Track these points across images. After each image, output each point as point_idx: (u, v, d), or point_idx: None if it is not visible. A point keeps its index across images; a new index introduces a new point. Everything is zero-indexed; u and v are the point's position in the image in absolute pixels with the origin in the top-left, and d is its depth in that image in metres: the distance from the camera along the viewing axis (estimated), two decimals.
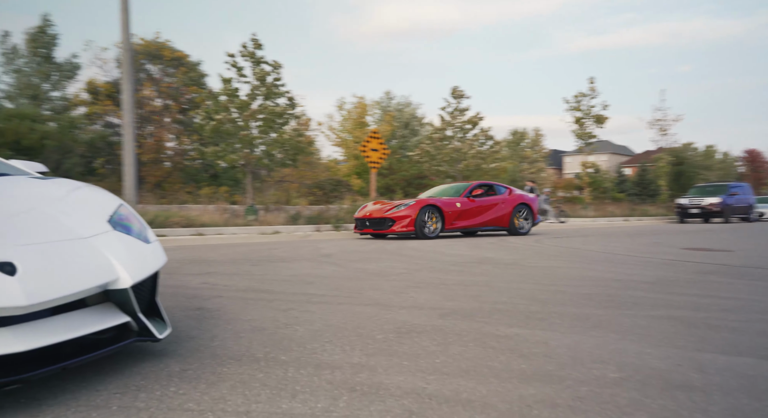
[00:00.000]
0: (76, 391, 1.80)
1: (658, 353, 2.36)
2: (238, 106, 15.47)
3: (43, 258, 1.72)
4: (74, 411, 1.63)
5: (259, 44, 15.88)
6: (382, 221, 10.24)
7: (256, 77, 15.84)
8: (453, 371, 2.09)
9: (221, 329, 2.72)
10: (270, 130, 15.66)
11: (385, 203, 10.91)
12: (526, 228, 11.83)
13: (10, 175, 2.45)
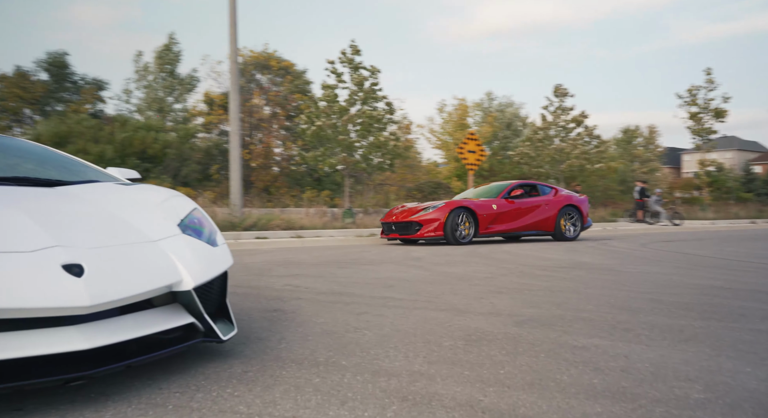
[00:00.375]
0: (141, 388, 1.89)
1: (758, 373, 2.10)
2: (337, 111, 15.86)
3: (109, 261, 1.81)
4: (134, 408, 1.70)
5: (357, 50, 16.21)
6: (408, 225, 9.45)
7: (354, 82, 16.18)
8: (516, 384, 1.98)
9: (291, 331, 2.76)
10: (368, 134, 15.92)
11: (414, 205, 10.22)
12: (573, 233, 10.67)
13: (98, 182, 2.64)
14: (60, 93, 30.85)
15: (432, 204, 9.55)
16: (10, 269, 1.60)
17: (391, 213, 10.19)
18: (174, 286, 1.95)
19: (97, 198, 2.29)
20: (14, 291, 1.55)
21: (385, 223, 10.03)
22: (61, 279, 1.64)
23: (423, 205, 9.81)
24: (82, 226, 1.96)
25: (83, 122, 20.23)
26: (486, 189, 11.11)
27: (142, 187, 2.63)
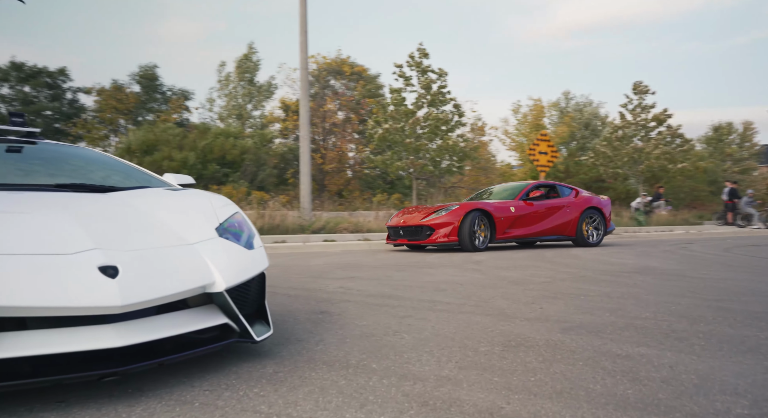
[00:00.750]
0: (175, 385, 1.98)
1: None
2: (404, 114, 15.93)
3: (143, 263, 1.92)
4: (164, 404, 1.79)
5: (425, 53, 16.23)
6: (419, 230, 8.61)
7: (422, 86, 16.19)
8: (543, 392, 1.92)
9: (331, 333, 2.81)
10: (435, 137, 15.88)
11: (424, 209, 9.21)
12: (596, 238, 9.80)
13: (148, 188, 2.79)
14: (150, 104, 32.75)
15: (445, 206, 8.75)
16: (50, 270, 1.73)
17: (400, 216, 9.32)
18: (207, 287, 2.03)
19: (142, 203, 2.43)
20: (51, 291, 1.67)
21: (392, 227, 9.09)
22: (96, 280, 1.75)
23: (435, 207, 9.02)
24: (123, 230, 2.08)
25: (169, 131, 21.37)
26: (502, 190, 10.29)
27: (188, 192, 2.76)
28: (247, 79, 31.41)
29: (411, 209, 9.53)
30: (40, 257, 1.77)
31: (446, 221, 8.35)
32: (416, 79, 16.36)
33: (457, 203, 8.78)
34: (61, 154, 3.19)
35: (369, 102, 28.70)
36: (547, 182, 10.10)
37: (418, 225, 8.58)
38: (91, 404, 1.77)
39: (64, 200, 2.27)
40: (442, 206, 8.75)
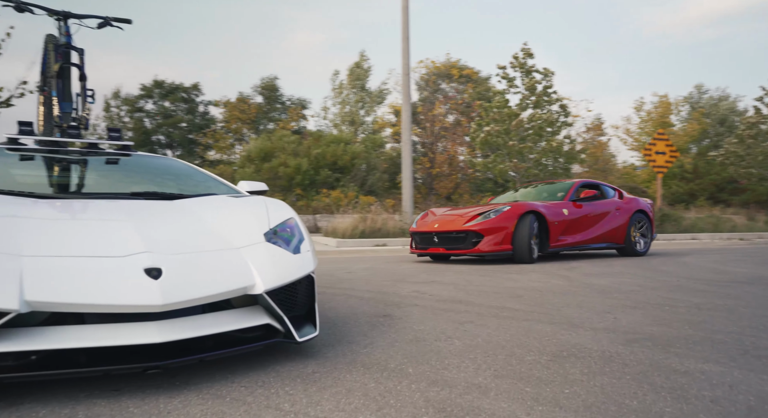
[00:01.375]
0: (217, 380, 2.13)
1: None
2: (507, 116, 15.59)
3: (187, 265, 2.09)
4: (200, 397, 1.94)
5: (530, 53, 15.80)
6: (461, 236, 7.03)
7: (526, 87, 15.78)
8: (571, 405, 1.85)
9: (384, 337, 2.86)
10: (540, 139, 15.38)
11: (458, 210, 7.93)
12: (644, 246, 8.57)
13: (212, 195, 3.01)
14: (271, 113, 34.68)
15: (493, 207, 7.25)
16: (103, 270, 1.94)
17: (427, 219, 7.86)
18: (248, 289, 2.17)
19: (201, 210, 2.63)
20: (102, 289, 1.88)
21: (420, 233, 7.60)
22: (140, 281, 1.93)
23: (478, 208, 7.59)
24: (175, 234, 2.28)
25: (284, 139, 22.50)
26: (543, 189, 8.86)
27: (247, 199, 2.94)
28: (358, 86, 32.29)
29: (439, 212, 8.02)
30: (96, 258, 1.99)
31: (497, 226, 6.83)
32: (520, 80, 15.98)
33: (508, 204, 7.24)
34: (149, 165, 3.52)
35: (477, 105, 28.43)
36: (592, 181, 8.80)
37: (462, 231, 7.00)
38: (139, 394, 1.96)
39: (132, 207, 2.52)
40: (490, 207, 7.27)
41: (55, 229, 2.15)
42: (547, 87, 15.72)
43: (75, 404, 1.85)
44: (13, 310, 1.73)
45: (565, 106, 15.78)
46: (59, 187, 3.10)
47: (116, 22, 4.13)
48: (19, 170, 3.20)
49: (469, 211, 7.53)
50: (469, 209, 7.79)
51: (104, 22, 4.08)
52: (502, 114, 15.51)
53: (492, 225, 6.88)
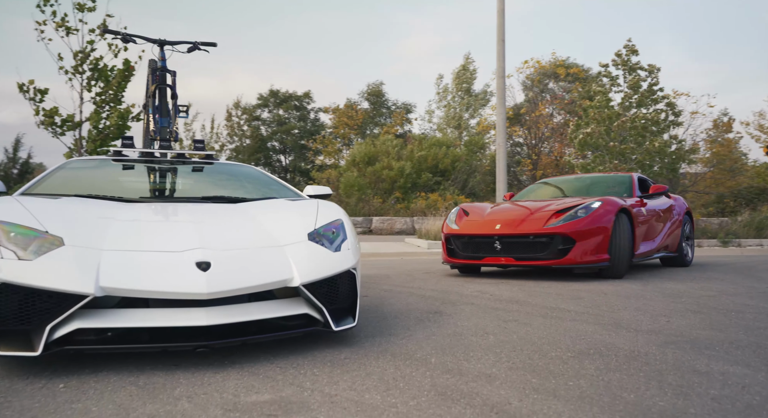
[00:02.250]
0: (259, 361, 2.44)
1: None
2: (607, 117, 14.96)
3: (233, 260, 2.42)
4: (239, 374, 2.25)
5: (634, 50, 15.07)
6: (542, 242, 5.16)
7: (629, 85, 15.05)
8: (567, 395, 1.96)
9: (424, 331, 3.05)
10: (643, 140, 14.61)
11: (517, 206, 5.91)
12: (690, 254, 7.28)
13: (273, 199, 3.36)
14: (377, 118, 35.56)
15: (579, 202, 5.42)
16: (162, 263, 2.32)
17: (474, 218, 5.79)
18: (286, 282, 2.46)
19: (257, 212, 2.97)
20: (161, 279, 2.25)
21: (465, 237, 5.64)
22: (191, 272, 2.29)
23: (543, 203, 5.82)
24: (228, 233, 2.63)
25: (387, 143, 23.04)
26: (592, 182, 7.09)
27: (303, 202, 3.25)
28: (464, 89, 32.25)
29: (483, 209, 6.06)
30: (159, 253, 2.38)
31: (592, 227, 5.07)
32: (623, 78, 15.26)
33: (598, 199, 5.44)
34: (228, 171, 3.97)
35: (585, 104, 27.44)
36: (642, 175, 7.18)
37: (544, 233, 5.12)
38: (191, 369, 2.31)
39: (197, 210, 2.93)
40: (572, 203, 5.47)
41: (132, 228, 2.57)
42: (653, 84, 14.92)
43: (139, 373, 2.23)
44: (90, 294, 2.13)
45: (673, 104, 14.88)
46: (145, 192, 3.61)
47: (203, 46, 4.67)
48: (120, 177, 3.75)
49: (539, 206, 5.65)
50: (536, 203, 5.89)
51: (193, 47, 4.64)
52: (602, 114, 14.91)
53: (586, 226, 5.02)
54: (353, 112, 33.21)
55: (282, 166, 36.71)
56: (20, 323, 2.19)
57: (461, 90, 32.66)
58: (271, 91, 36.17)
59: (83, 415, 1.77)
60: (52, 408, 1.84)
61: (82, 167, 3.81)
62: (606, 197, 5.57)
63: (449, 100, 32.84)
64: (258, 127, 35.48)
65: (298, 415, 1.77)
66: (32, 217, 2.47)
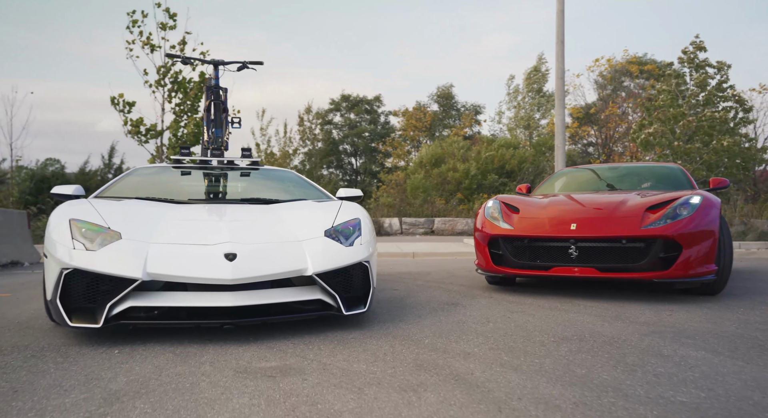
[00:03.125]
0: (277, 338, 2.87)
1: None
2: (672, 116, 14.50)
3: (256, 252, 2.86)
4: (257, 347, 2.69)
5: (701, 47, 14.53)
6: (638, 247, 3.94)
7: (695, 83, 14.54)
8: (528, 369, 2.26)
9: (433, 318, 3.39)
10: (710, 139, 14.06)
11: (598, 201, 4.49)
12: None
13: (302, 200, 3.80)
14: (447, 120, 35.77)
15: (667, 197, 4.20)
16: (197, 254, 2.79)
17: (537, 218, 4.38)
18: (301, 271, 2.88)
19: (284, 212, 3.42)
20: (195, 267, 2.72)
21: (535, 240, 4.26)
22: (220, 262, 2.75)
23: (620, 196, 4.51)
24: (256, 230, 3.08)
25: (454, 144, 23.25)
26: (635, 173, 5.92)
27: (328, 203, 3.67)
28: (534, 90, 31.90)
29: (536, 205, 4.65)
30: (195, 246, 2.86)
31: (699, 230, 3.89)
32: (689, 76, 14.76)
33: (692, 192, 4.32)
34: (270, 176, 4.46)
35: (639, 104, 26.47)
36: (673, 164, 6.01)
37: (641, 237, 3.89)
38: (220, 342, 2.77)
39: (233, 210, 3.41)
40: (667, 197, 4.19)
41: (176, 225, 3.07)
42: (722, 82, 14.33)
43: (178, 344, 2.71)
44: (139, 278, 2.63)
45: (743, 101, 14.22)
46: (198, 195, 4.16)
47: (251, 65, 5.20)
48: (177, 182, 4.32)
49: (613, 199, 4.41)
50: (600, 197, 4.69)
51: (242, 66, 5.18)
52: (667, 114, 14.49)
53: (694, 228, 3.89)
54: (421, 114, 33.55)
55: (353, 168, 37.59)
56: (87, 301, 2.72)
57: (532, 90, 32.31)
58: (342, 96, 37.16)
59: (128, 372, 2.25)
60: (107, 367, 2.34)
61: (146, 173, 4.41)
62: (698, 190, 4.56)
63: (519, 101, 32.58)
64: (330, 131, 36.51)
65: (293, 377, 2.18)
66: (99, 216, 3.01)
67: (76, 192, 3.68)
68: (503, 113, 33.81)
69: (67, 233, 2.84)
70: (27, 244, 8.54)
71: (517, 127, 31.96)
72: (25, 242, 8.54)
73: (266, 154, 26.44)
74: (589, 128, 28.20)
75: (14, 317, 3.56)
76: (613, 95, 29.31)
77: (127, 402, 1.89)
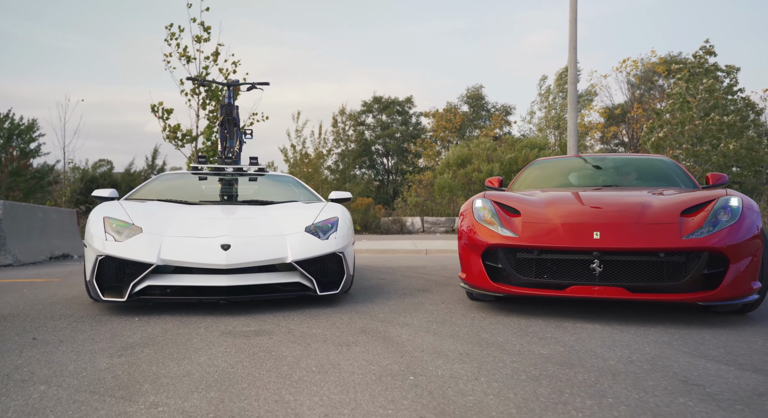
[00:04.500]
0: (263, 312, 3.58)
1: None
2: (680, 121, 14.73)
3: (247, 244, 3.59)
4: (244, 318, 3.41)
5: (711, 51, 14.70)
6: (677, 262, 3.19)
7: (704, 88, 14.75)
8: (445, 335, 2.92)
9: (396, 300, 4.07)
10: (718, 142, 14.27)
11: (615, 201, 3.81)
12: None
13: (293, 202, 4.53)
14: (477, 121, 36.23)
15: (702, 198, 3.59)
16: (200, 245, 3.54)
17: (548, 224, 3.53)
18: (282, 259, 3.60)
19: (275, 211, 4.15)
20: (198, 255, 3.47)
21: (546, 251, 3.42)
22: (217, 251, 3.49)
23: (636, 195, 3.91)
24: (249, 227, 3.82)
25: (481, 145, 23.77)
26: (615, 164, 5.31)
27: (314, 204, 4.39)
28: (565, 90, 32.06)
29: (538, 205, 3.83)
30: (199, 238, 3.61)
31: (745, 240, 3.24)
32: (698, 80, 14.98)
33: (728, 192, 3.66)
34: (273, 181, 5.21)
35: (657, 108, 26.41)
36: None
37: (682, 250, 3.18)
38: (216, 314, 3.50)
39: (232, 210, 4.16)
40: (700, 198, 3.58)
41: (186, 222, 3.84)
42: (732, 85, 14.48)
43: (183, 314, 3.47)
44: (154, 263, 3.40)
45: (753, 104, 14.36)
46: (212, 197, 4.95)
47: (259, 85, 5.98)
48: (194, 185, 5.12)
49: (630, 199, 3.79)
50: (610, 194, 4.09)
51: (251, 86, 5.97)
52: (675, 118, 14.74)
53: (742, 238, 3.24)
54: (451, 115, 34.07)
55: (385, 168, 38.36)
56: (116, 281, 3.51)
57: (563, 91, 32.47)
58: (374, 98, 37.96)
59: (142, 332, 3.01)
60: (127, 328, 3.11)
61: (168, 179, 5.22)
62: (728, 190, 3.80)
63: (550, 101, 32.77)
64: (362, 132, 37.36)
65: (263, 337, 2.89)
66: (126, 214, 3.80)
67: (111, 195, 4.49)
68: (534, 114, 34.05)
69: (101, 227, 3.64)
70: (76, 239, 9.59)
71: (548, 127, 32.17)
72: (75, 237, 9.59)
73: (301, 156, 27.40)
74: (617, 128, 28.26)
75: (63, 295, 4.39)
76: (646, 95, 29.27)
77: (139, 349, 2.64)
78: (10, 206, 7.61)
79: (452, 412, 1.79)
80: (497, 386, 2.05)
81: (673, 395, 1.95)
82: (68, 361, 2.44)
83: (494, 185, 5.14)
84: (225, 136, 5.55)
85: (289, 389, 2.03)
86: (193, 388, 2.04)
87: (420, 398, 1.92)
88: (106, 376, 2.19)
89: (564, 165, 5.54)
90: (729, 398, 1.92)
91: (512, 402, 1.88)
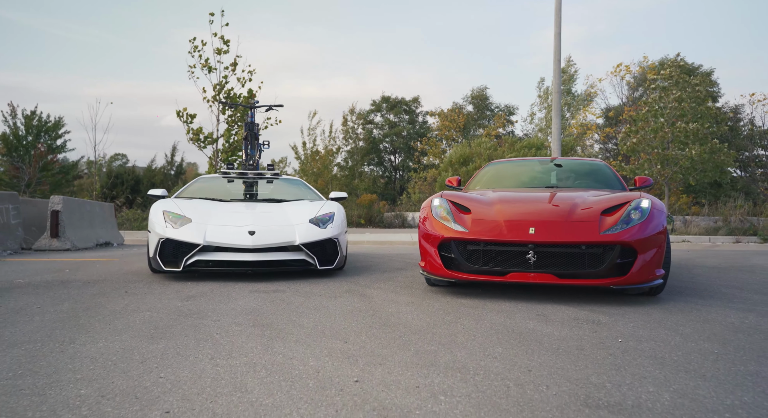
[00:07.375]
0: (278, 280, 4.94)
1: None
2: (655, 128, 16.01)
3: (267, 231, 4.96)
4: (264, 283, 4.78)
5: (681, 65, 15.87)
6: (594, 253, 3.94)
7: (674, 98, 16.00)
8: (405, 293, 4.27)
9: (377, 277, 5.41)
10: (684, 147, 15.57)
11: (547, 201, 4.56)
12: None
13: (300, 200, 5.90)
14: (481, 120, 37.46)
15: (620, 199, 4.35)
16: (233, 231, 4.92)
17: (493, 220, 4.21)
18: (293, 242, 4.97)
19: (287, 207, 5.52)
20: (231, 237, 4.84)
21: (491, 243, 4.10)
22: (245, 236, 4.86)
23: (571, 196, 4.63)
24: (268, 218, 5.19)
25: (482, 145, 25.02)
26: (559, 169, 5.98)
27: (317, 202, 5.76)
28: (565, 90, 33.19)
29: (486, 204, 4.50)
30: (232, 226, 4.99)
31: (652, 234, 4.00)
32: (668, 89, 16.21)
33: (638, 194, 4.43)
34: (286, 183, 6.59)
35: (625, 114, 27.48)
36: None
37: (599, 243, 3.90)
38: (246, 281, 4.86)
39: (255, 206, 5.55)
40: (618, 200, 4.33)
41: (222, 214, 5.21)
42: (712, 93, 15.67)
43: (222, 281, 4.84)
44: (201, 244, 4.78)
45: (717, 109, 15.52)
46: (237, 195, 6.35)
47: (275, 107, 7.37)
48: (225, 187, 6.52)
49: (566, 200, 4.49)
50: (558, 195, 4.73)
51: (269, 108, 7.37)
52: (647, 126, 16.00)
53: (649, 233, 4.00)
54: (455, 115, 35.31)
55: (392, 165, 39.70)
56: (173, 257, 4.90)
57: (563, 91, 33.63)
58: (383, 98, 39.29)
59: (192, 291, 4.38)
60: (185, 287, 4.48)
61: (206, 181, 6.62)
62: (643, 193, 4.58)
63: (549, 102, 33.90)
64: (371, 131, 38.71)
65: (278, 293, 4.25)
66: (178, 208, 5.19)
67: (162, 193, 5.87)
68: (535, 115, 35.22)
69: (161, 218, 5.03)
70: (114, 229, 11.10)
71: (547, 127, 33.32)
72: (113, 227, 11.11)
73: (312, 153, 28.79)
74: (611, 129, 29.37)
75: (128, 269, 5.80)
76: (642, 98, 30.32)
77: (197, 298, 4.01)
78: (66, 201, 9.05)
79: (391, 324, 3.15)
80: (424, 316, 3.41)
81: (528, 320, 3.30)
82: (156, 301, 3.82)
83: (453, 185, 5.99)
84: (248, 148, 6.94)
85: (295, 316, 3.40)
86: (238, 313, 3.41)
87: (373, 321, 3.28)
88: (182, 309, 3.57)
89: (515, 167, 6.38)
90: (566, 322, 3.27)
91: (425, 321, 3.24)
